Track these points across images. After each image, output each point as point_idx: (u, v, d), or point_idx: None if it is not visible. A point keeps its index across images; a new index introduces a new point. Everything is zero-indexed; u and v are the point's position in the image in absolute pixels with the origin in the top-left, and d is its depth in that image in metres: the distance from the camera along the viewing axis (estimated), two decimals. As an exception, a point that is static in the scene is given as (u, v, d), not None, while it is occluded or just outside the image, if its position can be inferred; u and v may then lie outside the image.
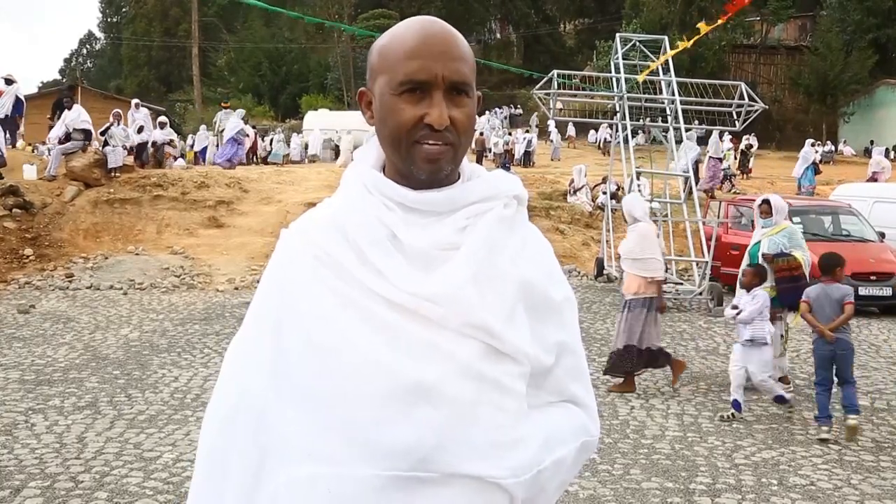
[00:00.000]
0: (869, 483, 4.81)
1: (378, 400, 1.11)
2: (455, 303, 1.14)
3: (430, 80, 1.16)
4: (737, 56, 42.27)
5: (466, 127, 1.20)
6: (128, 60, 66.95)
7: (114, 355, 7.61)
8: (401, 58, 1.17)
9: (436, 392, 1.12)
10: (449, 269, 1.16)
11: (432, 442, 1.11)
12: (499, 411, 1.16)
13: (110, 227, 13.70)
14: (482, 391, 1.15)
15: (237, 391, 1.20)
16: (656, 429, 5.73)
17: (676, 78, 12.34)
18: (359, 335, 1.14)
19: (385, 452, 1.10)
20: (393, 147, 1.20)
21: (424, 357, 1.13)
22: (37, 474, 4.63)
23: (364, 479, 1.10)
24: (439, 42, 1.18)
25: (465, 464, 1.12)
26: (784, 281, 6.68)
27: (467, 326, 1.15)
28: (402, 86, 1.17)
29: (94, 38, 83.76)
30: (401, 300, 1.14)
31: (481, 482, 1.13)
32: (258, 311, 1.24)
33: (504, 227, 1.23)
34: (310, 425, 1.13)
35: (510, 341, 1.17)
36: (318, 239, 1.21)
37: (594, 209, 16.42)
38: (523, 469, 1.17)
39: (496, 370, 1.16)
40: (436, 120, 1.15)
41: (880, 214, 12.91)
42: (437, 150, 1.17)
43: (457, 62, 1.18)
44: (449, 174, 1.22)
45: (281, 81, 51.69)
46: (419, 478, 1.11)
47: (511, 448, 1.16)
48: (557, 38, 56.55)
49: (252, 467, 1.16)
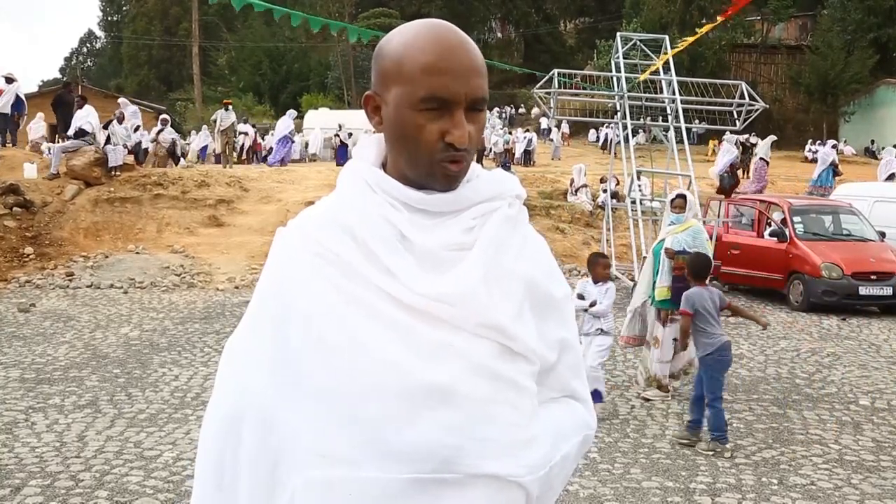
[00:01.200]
0: (869, 483, 4.81)
1: (393, 400, 1.10)
2: (469, 303, 1.14)
3: (453, 99, 1.15)
4: (737, 55, 42.24)
5: (479, 138, 1.20)
6: (128, 59, 66.99)
7: (114, 354, 7.61)
8: (422, 72, 1.14)
9: (453, 393, 1.11)
10: (461, 270, 1.15)
11: (453, 443, 1.10)
12: (514, 410, 1.16)
13: (111, 226, 13.70)
14: (498, 391, 1.15)
15: (238, 390, 1.18)
16: (657, 428, 5.73)
17: (677, 77, 12.33)
18: (370, 334, 1.12)
19: (406, 454, 1.09)
20: (411, 163, 1.19)
21: (438, 358, 1.12)
22: (37, 473, 4.63)
23: (384, 482, 1.09)
24: (461, 57, 1.16)
25: (485, 464, 1.12)
26: (679, 280, 6.40)
27: (481, 327, 1.15)
28: (423, 102, 1.14)
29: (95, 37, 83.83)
30: (411, 300, 1.13)
31: (501, 481, 1.13)
32: (256, 309, 1.22)
33: (509, 227, 1.23)
34: (322, 426, 1.11)
35: (522, 340, 1.18)
36: (321, 237, 1.19)
37: (594, 208, 16.42)
38: (538, 466, 1.18)
39: (511, 369, 1.17)
40: (458, 140, 1.14)
41: (881, 214, 12.92)
42: (458, 169, 1.18)
43: (479, 79, 1.17)
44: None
45: (281, 80, 51.67)
46: (442, 479, 1.10)
47: (526, 446, 1.17)
48: (558, 37, 56.57)
49: (263, 469, 1.14)
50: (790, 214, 11.83)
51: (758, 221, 12.46)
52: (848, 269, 10.77)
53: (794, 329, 9.63)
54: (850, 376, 7.35)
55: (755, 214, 12.59)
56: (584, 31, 54.91)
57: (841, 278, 10.72)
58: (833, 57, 36.78)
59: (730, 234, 12.59)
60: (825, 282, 10.74)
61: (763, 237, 12.19)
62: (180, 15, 58.92)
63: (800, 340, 8.93)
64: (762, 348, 8.44)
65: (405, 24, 1.23)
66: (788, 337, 9.13)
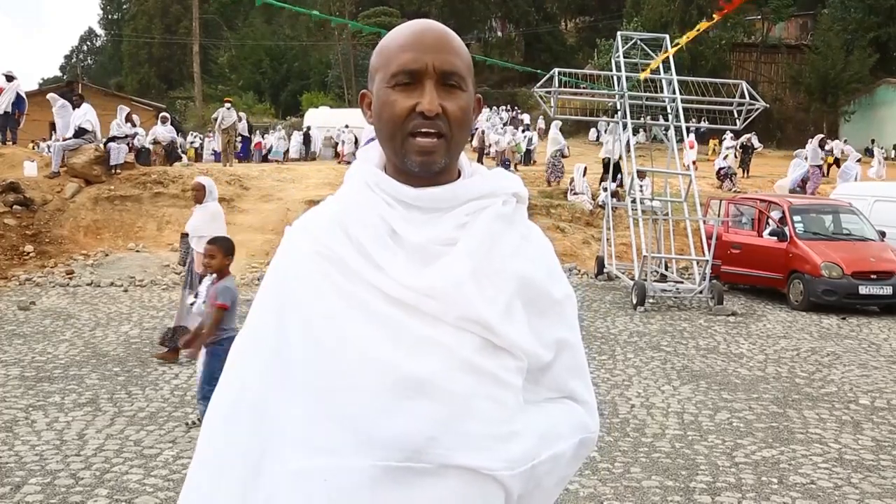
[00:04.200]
0: (869, 482, 4.81)
1: (375, 392, 1.12)
2: (451, 296, 1.15)
3: (420, 70, 1.18)
4: (738, 55, 42.26)
5: (460, 119, 1.21)
6: (128, 57, 67.00)
7: (114, 352, 7.61)
8: (395, 52, 1.20)
9: (431, 384, 1.13)
10: (446, 264, 1.17)
11: (427, 433, 1.12)
12: (495, 404, 1.16)
13: (111, 224, 13.71)
14: (478, 384, 1.15)
15: (238, 383, 1.23)
16: (656, 427, 5.73)
17: (677, 76, 12.33)
18: (357, 328, 1.15)
19: (381, 443, 1.11)
20: (388, 140, 1.22)
21: (421, 350, 1.14)
22: (37, 471, 4.63)
23: (360, 470, 1.11)
24: (431, 35, 1.21)
25: (459, 455, 1.13)
26: None
27: (463, 320, 1.16)
28: (394, 77, 1.19)
29: (95, 35, 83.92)
30: (399, 294, 1.15)
31: (475, 474, 1.14)
32: (260, 305, 1.26)
33: (502, 224, 1.24)
34: (310, 416, 1.14)
35: (506, 336, 1.18)
36: (320, 234, 1.22)
37: (594, 207, 16.44)
38: (518, 462, 1.17)
39: (492, 364, 1.17)
40: (426, 106, 1.17)
41: (881, 213, 12.92)
42: (430, 144, 1.19)
43: (448, 54, 1.20)
44: (444, 168, 1.22)
45: (282, 79, 51.70)
46: (413, 468, 1.11)
47: (506, 441, 1.17)
48: (558, 36, 56.53)
49: (252, 457, 1.18)
50: (790, 214, 11.84)
51: (758, 221, 12.47)
52: (848, 269, 10.77)
53: (793, 328, 9.63)
54: (849, 375, 7.35)
55: (755, 214, 12.59)
56: (585, 30, 54.91)
57: (841, 277, 10.73)
58: (833, 56, 36.82)
59: (730, 234, 12.61)
60: (825, 281, 10.75)
61: (763, 236, 12.21)
62: (181, 13, 58.95)
63: (800, 340, 8.93)
64: (762, 347, 8.44)
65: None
66: (788, 336, 9.13)
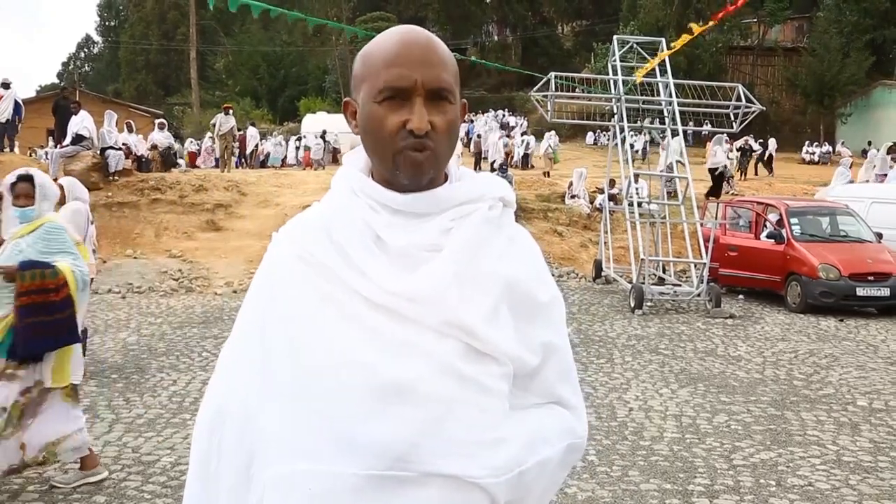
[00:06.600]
0: (867, 483, 4.81)
1: (357, 397, 1.11)
2: (433, 301, 1.15)
3: (409, 87, 1.17)
4: (734, 57, 42.34)
5: (448, 132, 1.20)
6: (126, 64, 67.01)
7: (112, 359, 7.60)
8: (381, 66, 1.18)
9: (413, 391, 1.11)
10: (429, 269, 1.16)
11: (408, 440, 1.10)
12: (479, 411, 1.15)
13: (108, 231, 13.69)
14: (462, 390, 1.14)
15: (224, 393, 1.23)
16: (654, 430, 5.73)
17: (674, 80, 12.36)
18: (339, 334, 1.15)
19: (363, 449, 1.10)
20: (377, 155, 1.21)
21: (403, 356, 1.13)
22: (35, 478, 4.62)
23: (344, 478, 1.10)
24: (418, 49, 1.18)
25: (442, 463, 1.11)
26: (30, 312, 4.09)
27: (446, 325, 1.15)
28: (381, 93, 1.17)
29: (93, 42, 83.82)
30: (381, 300, 1.15)
31: (459, 482, 1.12)
32: (246, 313, 1.26)
33: (489, 229, 1.23)
34: (295, 424, 1.13)
35: (490, 341, 1.17)
36: (304, 240, 1.22)
37: (592, 211, 16.45)
38: (503, 469, 1.15)
39: (476, 370, 1.16)
40: (416, 125, 1.16)
41: (878, 215, 12.94)
42: (419, 158, 1.18)
43: (436, 68, 1.19)
44: (432, 178, 1.22)
45: (279, 84, 51.73)
46: (397, 477, 1.10)
47: (491, 447, 1.15)
48: (555, 40, 56.59)
49: (240, 465, 1.18)
50: (787, 216, 11.86)
51: (755, 223, 12.48)
52: (845, 271, 10.79)
53: (791, 330, 9.64)
54: (847, 377, 7.36)
55: (752, 216, 12.61)
56: (581, 34, 54.93)
57: (838, 279, 10.74)
58: (829, 59, 36.94)
59: (727, 236, 12.63)
60: (823, 283, 10.76)
61: (760, 239, 12.23)
62: (178, 19, 58.97)
63: (797, 342, 8.94)
64: (760, 350, 8.45)
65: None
66: (786, 338, 9.14)
